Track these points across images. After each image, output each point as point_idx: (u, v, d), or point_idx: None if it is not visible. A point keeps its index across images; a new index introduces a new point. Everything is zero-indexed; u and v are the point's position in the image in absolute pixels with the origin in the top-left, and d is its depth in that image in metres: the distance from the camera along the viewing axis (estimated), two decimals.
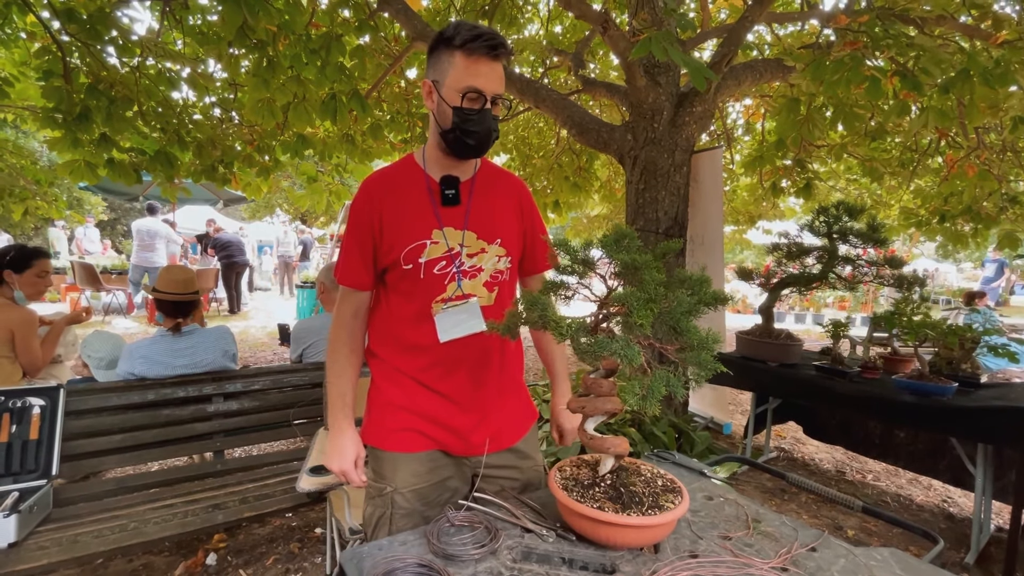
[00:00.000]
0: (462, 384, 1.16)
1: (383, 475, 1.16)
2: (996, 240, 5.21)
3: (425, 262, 1.12)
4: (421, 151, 1.19)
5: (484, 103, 1.06)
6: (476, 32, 1.02)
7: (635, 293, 0.70)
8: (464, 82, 1.04)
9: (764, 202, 7.69)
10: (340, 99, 3.87)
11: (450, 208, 1.13)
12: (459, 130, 1.06)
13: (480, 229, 1.15)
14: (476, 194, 1.17)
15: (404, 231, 1.11)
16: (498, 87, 1.06)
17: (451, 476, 1.19)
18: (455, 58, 1.04)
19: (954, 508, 2.75)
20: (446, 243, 1.12)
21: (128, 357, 2.09)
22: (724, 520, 1.00)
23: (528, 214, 1.26)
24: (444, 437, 1.16)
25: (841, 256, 2.61)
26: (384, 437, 1.18)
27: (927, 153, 5.35)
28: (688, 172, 3.63)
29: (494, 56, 1.04)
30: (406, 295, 1.15)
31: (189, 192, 6.08)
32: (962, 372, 2.39)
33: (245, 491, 1.88)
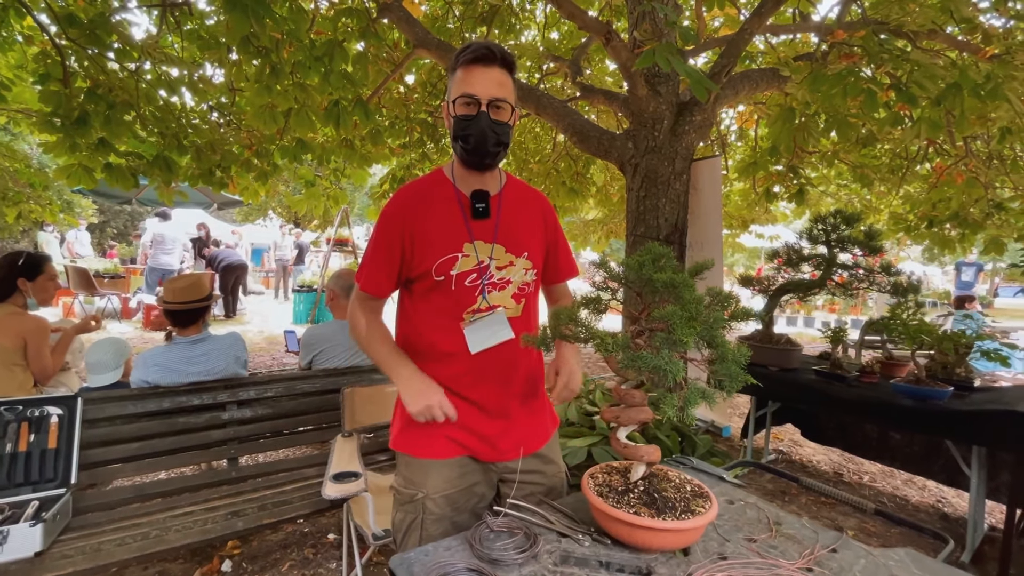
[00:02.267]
0: (490, 392, 1.20)
1: (414, 481, 1.20)
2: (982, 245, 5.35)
3: (456, 274, 1.16)
4: (450, 166, 1.24)
5: (479, 107, 1.09)
6: (468, 46, 1.10)
7: (677, 312, 0.74)
8: (457, 91, 1.10)
9: (757, 207, 7.82)
10: (343, 105, 3.90)
11: (480, 221, 1.17)
12: (458, 138, 1.11)
13: (508, 242, 1.19)
14: (504, 208, 1.21)
15: (437, 244, 1.15)
16: (493, 90, 1.09)
17: (479, 482, 1.23)
18: (457, 74, 1.11)
19: (948, 508, 2.84)
20: (476, 256, 1.16)
21: (142, 365, 2.10)
22: (747, 523, 1.04)
23: (552, 228, 1.31)
24: (473, 443, 1.20)
25: (839, 263, 2.69)
26: (415, 444, 1.21)
27: (916, 160, 5.49)
28: (688, 180, 3.70)
29: (485, 63, 1.09)
30: (436, 305, 1.19)
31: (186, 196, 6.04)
32: (957, 376, 2.47)
33: (262, 498, 1.90)
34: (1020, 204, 5.06)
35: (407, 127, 5.70)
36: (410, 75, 5.87)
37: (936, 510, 2.81)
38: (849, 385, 2.56)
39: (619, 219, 8.43)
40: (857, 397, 2.47)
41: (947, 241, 5.63)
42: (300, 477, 2.10)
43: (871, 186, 6.00)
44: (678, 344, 0.74)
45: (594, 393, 3.26)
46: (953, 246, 5.62)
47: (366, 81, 4.28)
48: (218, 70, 4.64)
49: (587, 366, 6.11)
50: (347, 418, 1.88)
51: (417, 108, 5.73)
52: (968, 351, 2.47)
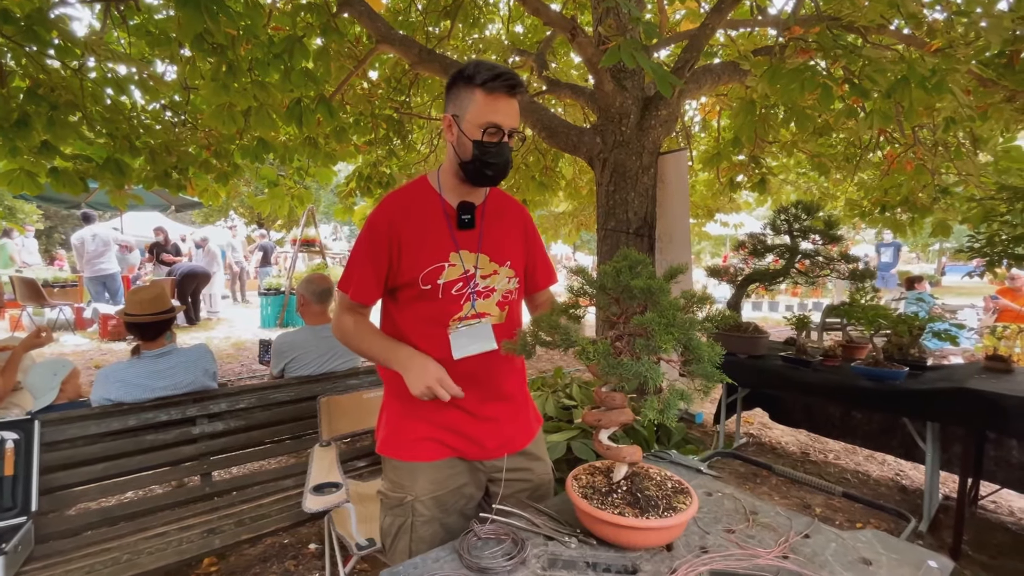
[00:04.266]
0: (474, 396, 1.21)
1: (402, 484, 1.21)
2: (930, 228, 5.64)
3: (443, 283, 1.18)
4: (436, 175, 1.24)
5: (502, 136, 1.13)
6: (496, 72, 1.10)
7: (656, 318, 0.76)
8: (484, 118, 1.11)
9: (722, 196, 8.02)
10: (306, 104, 3.79)
11: (465, 232, 1.20)
12: (479, 162, 1.13)
13: (492, 252, 1.23)
14: (488, 219, 1.24)
15: (424, 253, 1.17)
16: (515, 122, 1.14)
17: (466, 483, 1.25)
18: (475, 95, 1.11)
19: (906, 480, 3.00)
20: (462, 265, 1.19)
21: (103, 382, 2.01)
22: (725, 514, 1.08)
23: (531, 237, 1.34)
24: (460, 444, 1.23)
25: (801, 252, 2.79)
26: (401, 447, 1.23)
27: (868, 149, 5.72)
28: (655, 173, 3.76)
29: (512, 94, 1.12)
30: (421, 313, 1.20)
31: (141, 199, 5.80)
32: (911, 357, 2.60)
33: (239, 513, 1.86)
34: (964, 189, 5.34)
35: (372, 124, 5.59)
36: (373, 71, 5.75)
37: (895, 483, 2.97)
38: (814, 369, 2.67)
39: (589, 211, 8.51)
40: (821, 381, 2.58)
41: (899, 225, 5.90)
42: (278, 489, 2.06)
43: (828, 174, 6.24)
44: (656, 350, 0.76)
45: (570, 387, 3.30)
46: (904, 230, 5.90)
47: (328, 78, 4.18)
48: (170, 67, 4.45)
49: (563, 360, 6.17)
50: (324, 427, 1.85)
51: (382, 104, 5.62)
52: (921, 332, 2.61)
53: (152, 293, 2.09)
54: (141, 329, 2.06)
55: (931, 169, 4.90)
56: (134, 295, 2.07)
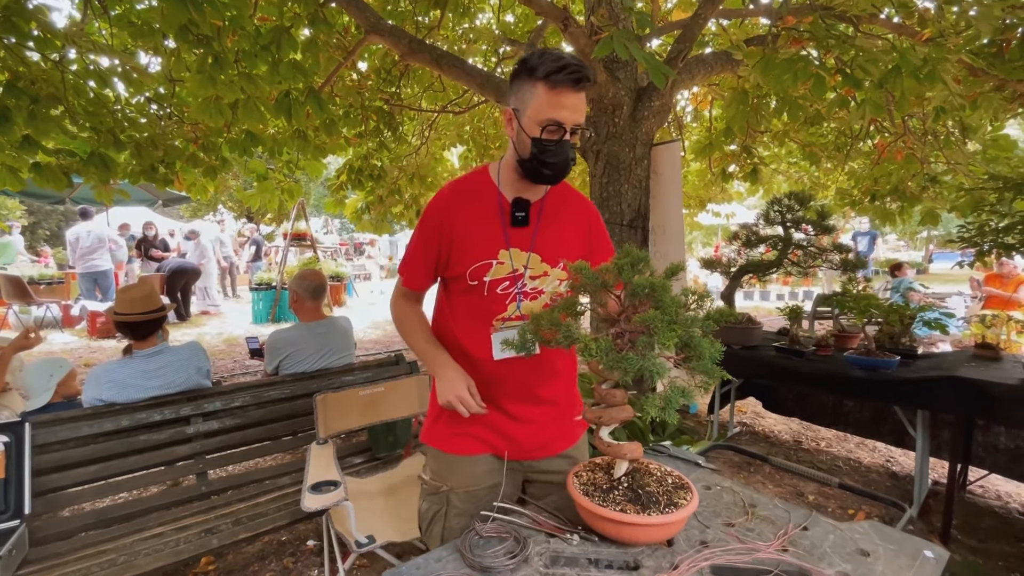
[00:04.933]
0: (515, 400, 1.22)
1: (440, 474, 1.24)
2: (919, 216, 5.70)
3: (490, 281, 1.16)
4: (496, 167, 1.21)
5: (563, 134, 1.07)
6: (560, 64, 1.01)
7: (658, 316, 0.76)
8: (545, 114, 1.05)
9: (713, 186, 8.03)
10: (295, 96, 3.73)
11: (518, 229, 1.17)
12: (537, 160, 1.08)
13: (545, 252, 1.18)
14: (545, 217, 1.20)
15: (473, 248, 1.15)
16: (579, 118, 1.07)
17: (502, 481, 1.25)
18: (537, 89, 1.05)
19: (896, 467, 3.05)
20: (511, 264, 1.16)
21: (94, 382, 1.99)
22: (724, 508, 1.09)
23: (596, 235, 1.28)
24: (498, 442, 1.23)
25: (794, 243, 2.80)
26: (442, 439, 1.25)
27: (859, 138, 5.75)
28: (648, 165, 3.75)
29: (578, 88, 1.04)
30: (469, 307, 1.20)
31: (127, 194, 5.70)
32: (902, 345, 2.63)
33: (236, 512, 1.85)
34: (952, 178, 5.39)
35: (362, 116, 5.52)
36: (363, 62, 5.68)
37: (886, 469, 3.02)
38: (807, 359, 2.69)
39: None
40: (814, 370, 2.61)
41: (888, 214, 5.94)
42: (275, 487, 2.05)
43: (819, 164, 6.27)
44: (661, 348, 0.76)
45: None
46: (894, 218, 5.94)
47: (317, 69, 4.11)
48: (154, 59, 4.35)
49: None
50: (321, 425, 1.84)
51: (372, 96, 5.55)
52: (912, 321, 2.63)
53: (142, 291, 2.05)
54: (132, 328, 2.03)
55: (920, 158, 4.94)
56: (124, 293, 2.04)
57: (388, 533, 1.60)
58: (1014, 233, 2.57)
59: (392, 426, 2.30)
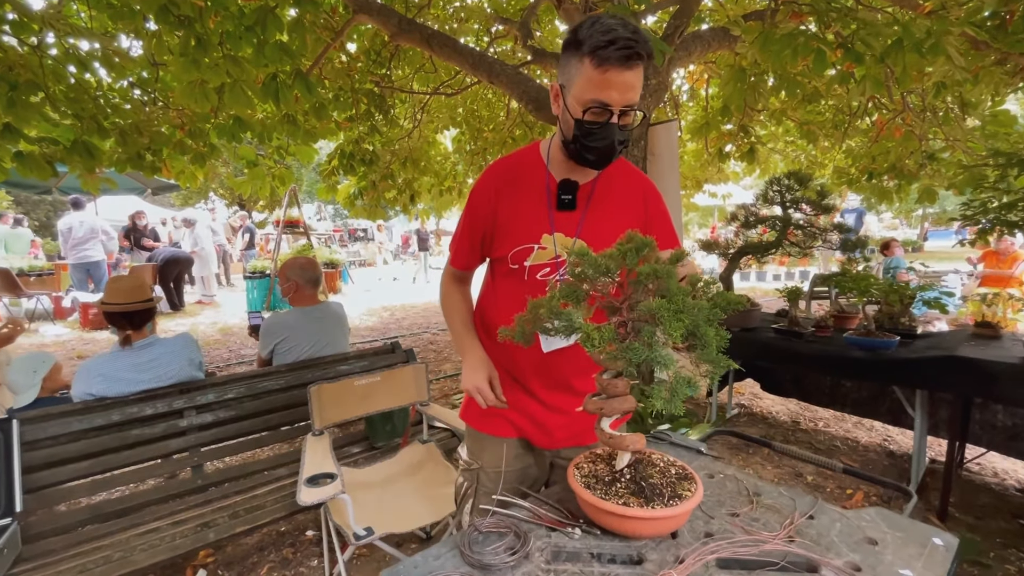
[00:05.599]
0: (552, 388, 1.19)
1: (473, 451, 1.26)
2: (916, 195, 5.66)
3: (530, 266, 1.12)
4: (547, 143, 1.15)
5: (610, 116, 0.98)
6: (609, 37, 0.90)
7: (664, 305, 0.72)
8: (589, 94, 0.96)
9: (710, 166, 7.96)
10: (282, 79, 3.63)
11: (565, 213, 1.11)
12: (579, 143, 1.01)
13: (591, 239, 1.11)
14: (595, 200, 1.13)
15: (516, 231, 1.11)
16: (629, 98, 0.96)
17: (531, 464, 1.26)
18: (584, 65, 0.95)
19: (893, 445, 3.07)
20: (554, 249, 1.11)
21: (84, 376, 1.95)
22: (728, 496, 1.07)
23: (655, 219, 1.19)
24: (529, 429, 1.22)
25: (793, 223, 2.77)
26: (477, 418, 1.24)
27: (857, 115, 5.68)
28: (645, 146, 3.69)
29: (628, 66, 0.93)
30: (512, 291, 1.16)
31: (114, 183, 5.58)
32: (902, 325, 2.62)
33: (233, 505, 1.83)
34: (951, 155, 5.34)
35: (352, 99, 5.40)
36: (352, 43, 5.53)
37: (883, 448, 3.03)
38: (806, 341, 2.67)
39: None
40: (814, 352, 2.59)
41: (885, 192, 5.91)
42: (272, 479, 2.03)
43: (816, 142, 6.20)
44: (667, 338, 0.72)
45: None
46: (891, 197, 5.91)
47: (304, 51, 3.99)
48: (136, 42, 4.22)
49: None
50: (316, 416, 1.81)
51: (362, 78, 5.43)
52: (912, 301, 2.61)
53: (132, 282, 2.00)
54: (122, 319, 1.98)
55: (919, 135, 4.89)
56: (113, 284, 1.99)
57: (387, 524, 1.59)
58: (1016, 211, 2.54)
59: (389, 415, 2.28)
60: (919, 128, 4.91)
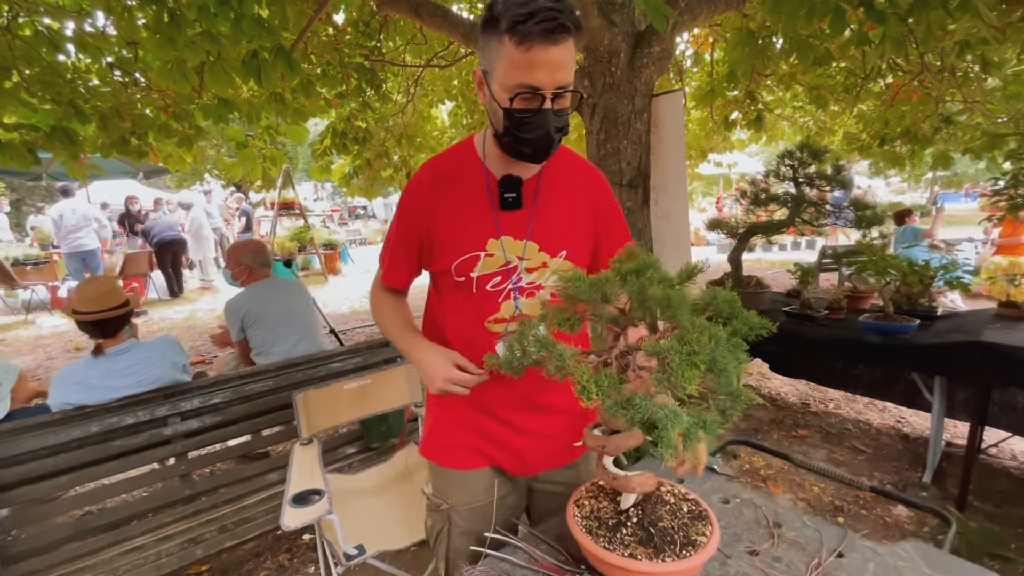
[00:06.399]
0: (519, 409, 1.08)
1: (440, 491, 1.13)
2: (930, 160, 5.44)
3: (478, 277, 0.99)
4: (481, 136, 1.02)
5: (542, 102, 0.85)
6: (528, 8, 0.78)
7: (676, 347, 0.60)
8: (514, 78, 0.83)
9: (715, 135, 7.70)
10: (263, 56, 3.42)
11: (510, 212, 0.98)
12: (511, 135, 0.89)
13: (543, 239, 1.00)
14: (542, 196, 1.01)
15: (457, 239, 0.98)
16: (560, 78, 0.84)
17: (508, 493, 1.14)
18: (503, 45, 0.82)
19: (907, 428, 2.97)
20: (504, 255, 0.98)
21: (60, 386, 1.85)
22: (746, 527, 0.97)
23: (605, 211, 1.08)
24: (499, 456, 1.10)
25: (807, 201, 2.61)
26: (440, 453, 1.12)
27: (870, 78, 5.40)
28: (648, 118, 3.49)
29: (554, 40, 0.80)
30: (460, 306, 1.04)
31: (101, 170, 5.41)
32: (921, 307, 2.49)
33: (222, 517, 1.76)
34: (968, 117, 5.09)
35: (342, 74, 5.16)
36: (338, 14, 5.25)
37: (896, 431, 2.94)
38: (819, 324, 2.55)
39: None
40: (828, 336, 2.47)
41: (898, 158, 5.69)
42: (262, 485, 1.96)
43: (826, 107, 5.94)
44: (676, 389, 0.60)
45: None
46: (903, 163, 5.70)
47: (286, 25, 3.76)
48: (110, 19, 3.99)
49: None
50: (303, 424, 1.72)
51: (351, 52, 5.17)
52: (932, 282, 2.47)
53: (102, 288, 1.89)
54: (96, 327, 1.87)
55: (936, 97, 4.64)
56: (82, 291, 1.87)
57: (380, 540, 1.51)
58: None
59: (384, 416, 2.19)
60: (936, 90, 4.66)
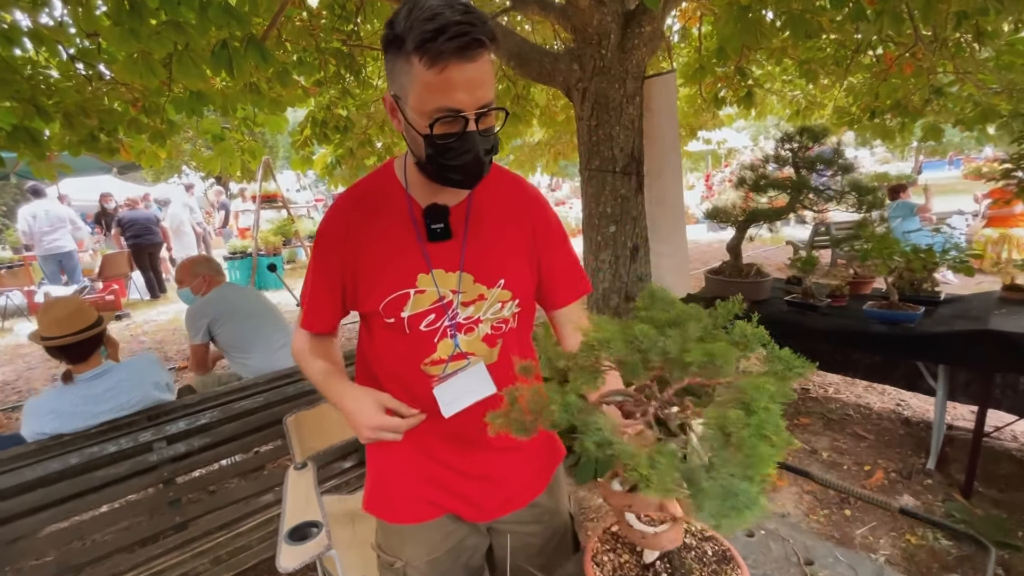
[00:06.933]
0: (464, 451, 0.99)
1: (392, 547, 1.03)
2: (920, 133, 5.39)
3: (408, 317, 0.89)
4: (402, 161, 0.92)
5: (466, 124, 0.77)
6: (435, 25, 0.69)
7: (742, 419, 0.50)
8: (431, 102, 0.74)
9: (705, 113, 7.57)
10: (233, 46, 3.23)
11: (440, 243, 0.89)
12: (436, 164, 0.80)
13: (478, 270, 0.91)
14: (473, 222, 0.92)
15: (383, 277, 0.89)
16: (482, 96, 0.75)
17: (467, 536, 1.06)
18: (413, 67, 0.73)
19: (908, 411, 2.97)
20: (436, 290, 0.89)
21: (33, 415, 1.74)
22: (775, 566, 0.91)
23: (544, 234, 0.99)
24: (453, 504, 1.01)
25: (810, 188, 2.54)
26: (386, 508, 1.03)
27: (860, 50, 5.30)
28: (641, 102, 3.37)
29: (468, 58, 0.71)
30: (390, 349, 0.95)
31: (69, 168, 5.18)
32: (924, 292, 2.45)
33: (216, 547, 1.68)
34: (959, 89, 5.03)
35: (319, 61, 4.94)
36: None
37: (897, 415, 2.94)
38: (822, 314, 2.51)
39: (565, 139, 8.00)
40: (831, 326, 2.43)
41: (888, 131, 5.64)
42: (258, 507, 1.89)
43: (816, 81, 5.84)
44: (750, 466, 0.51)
45: None
46: (893, 136, 5.65)
47: (256, 12, 3.56)
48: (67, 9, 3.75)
49: None
50: (296, 448, 1.63)
51: (327, 36, 4.94)
52: (936, 267, 2.43)
53: (68, 308, 1.77)
54: (65, 352, 1.76)
55: (927, 69, 4.57)
56: (47, 313, 1.75)
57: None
58: None
59: None
60: (928, 61, 4.58)
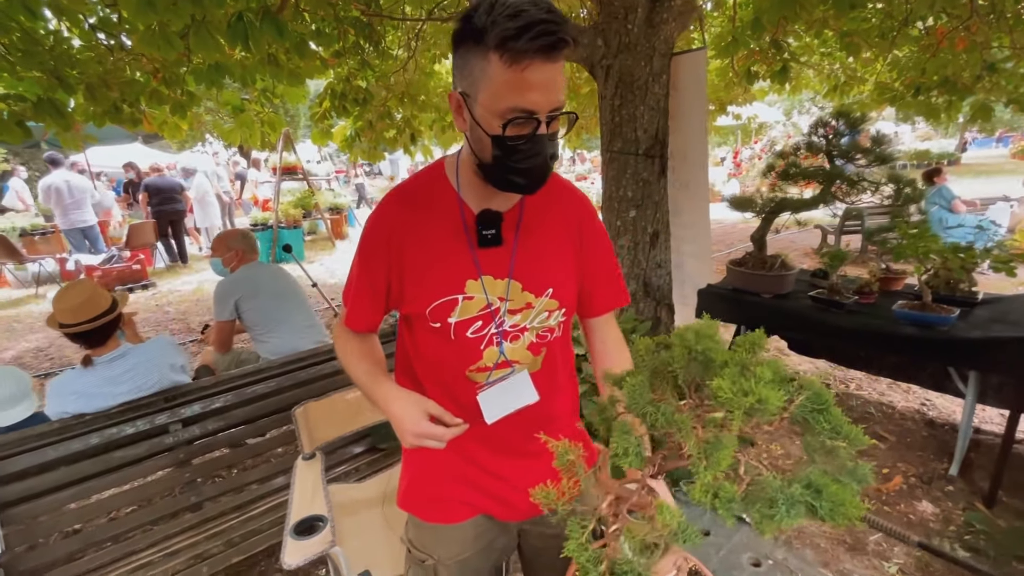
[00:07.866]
0: (503, 457, 0.99)
1: (424, 545, 1.04)
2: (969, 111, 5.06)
3: (456, 323, 0.88)
4: (454, 162, 0.89)
5: (537, 126, 0.74)
6: (520, 22, 0.66)
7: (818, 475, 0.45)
8: (506, 101, 0.72)
9: (736, 87, 7.24)
10: (249, 19, 3.17)
11: (490, 249, 0.87)
12: (502, 167, 0.77)
13: (527, 278, 0.89)
14: (524, 230, 0.89)
15: (432, 281, 0.87)
16: (555, 99, 0.73)
17: (497, 536, 1.07)
18: (490, 64, 0.70)
19: (932, 412, 2.87)
20: (485, 296, 0.87)
21: (57, 395, 1.80)
22: None
23: (591, 243, 0.98)
24: (487, 504, 1.02)
25: (842, 178, 2.40)
26: (421, 506, 1.04)
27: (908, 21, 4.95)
28: (667, 81, 3.21)
29: (552, 57, 0.70)
30: (434, 353, 0.93)
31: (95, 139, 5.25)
32: (960, 292, 2.32)
33: (228, 530, 1.74)
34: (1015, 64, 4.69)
35: (338, 30, 4.83)
36: None
37: (921, 416, 2.84)
38: (848, 312, 2.41)
39: (589, 113, 7.78)
40: (858, 325, 2.33)
41: (933, 110, 5.32)
42: (270, 491, 1.93)
43: (857, 54, 5.49)
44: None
45: None
46: (939, 114, 5.33)
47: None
48: None
49: None
50: (305, 439, 1.65)
51: (345, 6, 4.81)
52: (975, 266, 2.29)
53: (82, 295, 1.79)
54: (83, 338, 1.79)
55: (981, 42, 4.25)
56: (61, 302, 1.77)
57: (387, 563, 1.46)
58: None
59: None
60: (982, 34, 4.25)
